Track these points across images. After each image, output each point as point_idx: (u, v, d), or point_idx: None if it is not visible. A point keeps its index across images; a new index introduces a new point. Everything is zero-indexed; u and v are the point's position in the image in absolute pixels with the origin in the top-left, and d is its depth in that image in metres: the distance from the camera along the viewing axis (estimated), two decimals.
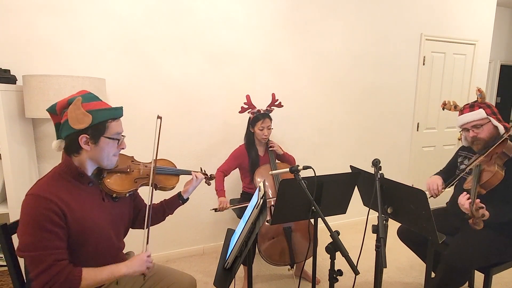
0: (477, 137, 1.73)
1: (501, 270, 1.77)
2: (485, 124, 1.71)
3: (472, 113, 1.73)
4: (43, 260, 0.99)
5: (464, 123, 1.77)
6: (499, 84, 5.46)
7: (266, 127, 2.28)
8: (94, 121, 1.10)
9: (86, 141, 1.11)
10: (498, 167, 1.58)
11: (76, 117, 1.08)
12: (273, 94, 2.37)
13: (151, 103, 2.44)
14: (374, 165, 1.56)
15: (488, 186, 1.58)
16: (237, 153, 2.35)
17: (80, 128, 1.09)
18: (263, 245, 2.03)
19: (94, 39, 2.22)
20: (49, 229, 1.01)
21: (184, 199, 1.52)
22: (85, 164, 1.16)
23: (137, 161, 1.42)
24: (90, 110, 1.10)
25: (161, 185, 1.42)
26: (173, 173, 1.49)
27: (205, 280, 2.35)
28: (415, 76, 3.47)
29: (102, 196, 1.22)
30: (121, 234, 1.31)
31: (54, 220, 1.02)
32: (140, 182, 1.33)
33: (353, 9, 3.03)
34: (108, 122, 1.15)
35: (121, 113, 1.20)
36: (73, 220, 1.07)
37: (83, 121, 1.08)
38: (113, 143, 1.17)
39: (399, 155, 3.57)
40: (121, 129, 1.21)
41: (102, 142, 1.14)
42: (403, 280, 2.37)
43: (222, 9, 2.54)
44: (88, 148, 1.12)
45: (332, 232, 1.25)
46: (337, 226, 3.30)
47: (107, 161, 1.18)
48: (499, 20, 5.13)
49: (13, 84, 1.94)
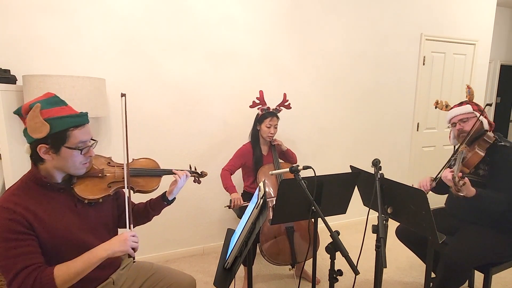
0: (463, 129, 1.83)
1: (501, 270, 1.77)
2: (471, 118, 1.81)
3: (460, 107, 1.85)
4: (10, 268, 0.97)
5: (452, 117, 1.88)
6: (499, 84, 5.46)
7: (273, 125, 2.29)
8: (52, 130, 1.03)
9: (46, 151, 1.05)
10: (478, 148, 1.72)
11: (34, 126, 1.02)
12: (284, 94, 2.39)
13: (151, 103, 2.44)
14: (374, 165, 1.56)
15: (469, 164, 1.71)
16: (242, 151, 2.36)
17: (38, 138, 1.03)
18: (265, 244, 2.03)
19: (94, 39, 2.22)
20: (14, 238, 0.98)
21: (169, 200, 1.43)
22: (51, 172, 1.11)
23: (114, 162, 1.33)
24: (49, 118, 1.03)
25: (138, 188, 1.32)
26: (152, 174, 1.37)
27: (205, 280, 2.35)
28: (415, 76, 3.47)
29: (75, 202, 1.16)
30: (105, 236, 1.23)
31: (17, 230, 0.99)
32: (115, 186, 1.24)
33: (353, 9, 3.03)
34: (70, 131, 1.07)
35: (86, 120, 1.13)
36: (42, 229, 1.04)
37: (41, 130, 1.02)
38: (76, 153, 1.10)
39: (399, 155, 3.57)
40: (86, 136, 1.13)
41: (63, 152, 1.07)
42: (403, 280, 2.37)
43: (222, 9, 2.54)
44: (49, 158, 1.07)
45: (332, 232, 1.25)
46: (337, 226, 3.31)
47: (74, 169, 1.13)
48: (499, 20, 5.13)
49: (13, 84, 1.94)
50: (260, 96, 2.30)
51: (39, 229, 1.04)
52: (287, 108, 2.41)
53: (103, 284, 1.23)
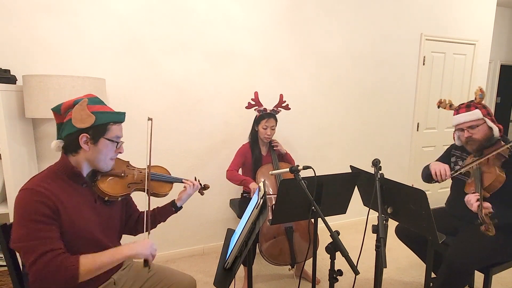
0: (472, 137, 1.72)
1: (501, 270, 1.77)
2: (480, 125, 1.69)
3: (469, 113, 1.71)
4: (35, 249, 0.99)
5: (460, 123, 1.76)
6: (499, 84, 5.46)
7: (269, 126, 2.29)
8: (96, 122, 1.13)
9: (86, 140, 1.13)
10: (498, 169, 1.56)
11: (80, 117, 1.11)
12: (281, 95, 2.38)
13: (151, 103, 2.44)
14: (374, 165, 1.56)
15: (491, 189, 1.56)
16: (242, 150, 2.37)
17: (82, 127, 1.12)
18: (264, 244, 2.03)
19: (94, 39, 2.22)
20: (41, 220, 1.01)
21: (178, 207, 1.51)
22: (81, 164, 1.17)
23: (132, 166, 1.42)
24: (94, 112, 1.14)
25: (154, 191, 1.41)
26: (167, 180, 1.49)
27: (205, 280, 2.35)
28: (415, 76, 3.47)
29: (95, 198, 1.22)
30: (114, 237, 1.30)
31: (46, 213, 1.02)
32: (134, 187, 1.33)
33: (353, 9, 3.03)
34: (110, 125, 1.18)
35: (123, 118, 1.23)
36: (65, 216, 1.07)
37: (86, 121, 1.12)
38: (112, 146, 1.19)
39: (399, 155, 3.57)
40: (121, 133, 1.23)
41: (101, 143, 1.16)
42: (403, 280, 2.37)
43: (222, 9, 2.54)
44: (87, 148, 1.14)
45: (332, 232, 1.25)
46: (337, 226, 3.31)
47: (103, 163, 1.20)
48: (499, 20, 5.13)
49: (13, 84, 1.94)
50: (255, 97, 2.30)
51: (64, 217, 1.07)
52: (286, 109, 2.41)
53: (104, 284, 1.23)
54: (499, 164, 1.62)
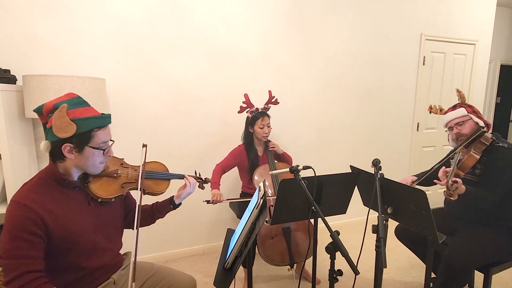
0: (461, 133, 1.85)
1: (501, 270, 1.77)
2: (466, 121, 1.84)
3: (455, 111, 1.88)
4: (14, 268, 0.97)
5: (448, 121, 1.91)
6: (499, 84, 5.46)
7: (266, 125, 2.28)
8: (78, 131, 1.06)
9: (70, 150, 1.08)
10: (473, 151, 1.73)
11: (60, 126, 1.04)
12: (269, 91, 2.36)
13: (151, 103, 2.44)
14: (374, 165, 1.56)
15: (464, 168, 1.72)
16: (236, 152, 2.34)
17: (64, 137, 1.05)
18: (263, 245, 2.03)
19: (94, 39, 2.22)
20: (25, 238, 0.99)
21: (176, 204, 1.47)
22: (70, 170, 1.13)
23: (127, 164, 1.37)
24: (75, 119, 1.06)
25: (149, 190, 1.37)
26: (163, 177, 1.43)
27: (205, 280, 2.35)
28: (415, 76, 3.48)
29: (88, 200, 1.19)
30: (113, 236, 1.28)
31: (31, 230, 0.99)
32: (128, 187, 1.29)
33: (353, 9, 3.03)
34: (94, 131, 1.10)
35: (109, 121, 1.16)
36: (56, 227, 1.05)
37: (67, 130, 1.04)
38: (98, 152, 1.13)
39: (399, 155, 3.57)
40: (108, 137, 1.16)
41: (86, 152, 1.10)
42: (403, 280, 2.37)
43: (221, 9, 2.54)
44: (72, 157, 1.09)
45: (332, 232, 1.25)
46: (337, 226, 3.31)
47: (92, 168, 1.15)
48: (499, 20, 5.13)
49: (13, 84, 1.94)
50: (246, 100, 2.28)
51: (53, 227, 1.05)
52: (275, 104, 2.39)
53: (104, 284, 1.23)
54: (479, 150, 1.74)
